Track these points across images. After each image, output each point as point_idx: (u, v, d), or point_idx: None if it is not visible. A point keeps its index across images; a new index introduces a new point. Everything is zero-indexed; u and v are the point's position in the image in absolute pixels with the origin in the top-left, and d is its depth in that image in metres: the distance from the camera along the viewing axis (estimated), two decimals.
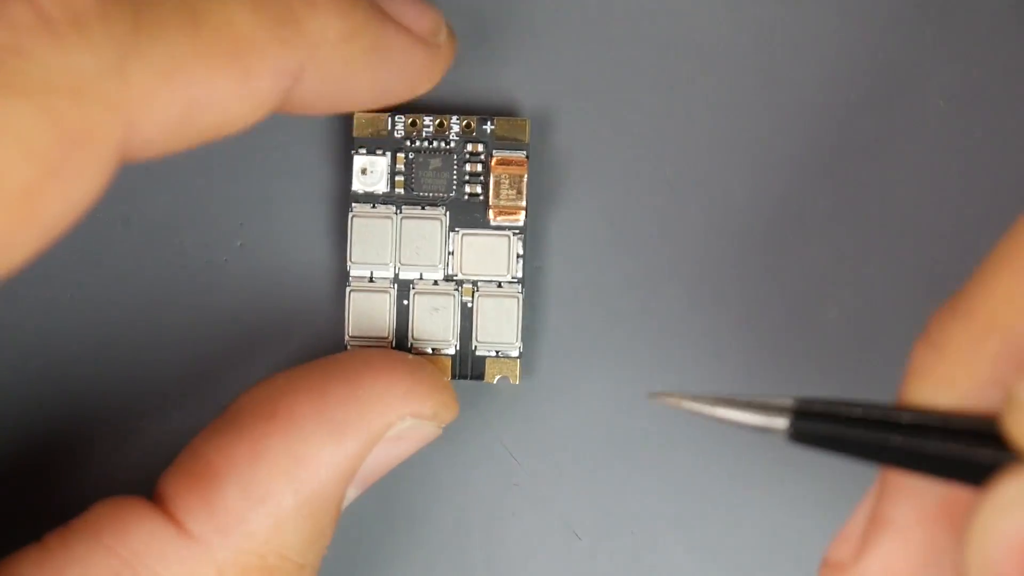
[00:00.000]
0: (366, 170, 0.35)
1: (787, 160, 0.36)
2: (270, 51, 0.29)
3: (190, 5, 0.28)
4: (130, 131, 0.27)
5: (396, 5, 0.32)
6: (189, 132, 0.28)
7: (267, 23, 0.29)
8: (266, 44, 0.29)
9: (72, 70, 0.26)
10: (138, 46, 0.27)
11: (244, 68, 0.28)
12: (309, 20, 0.30)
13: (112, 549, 0.31)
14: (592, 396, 0.36)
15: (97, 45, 0.26)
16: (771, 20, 0.36)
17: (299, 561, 0.32)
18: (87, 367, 0.36)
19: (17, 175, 0.25)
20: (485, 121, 0.35)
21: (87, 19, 0.26)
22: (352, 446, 0.32)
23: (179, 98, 0.27)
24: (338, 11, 0.30)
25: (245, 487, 0.31)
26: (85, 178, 0.26)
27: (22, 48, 0.25)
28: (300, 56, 0.29)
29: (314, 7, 0.30)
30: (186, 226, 0.36)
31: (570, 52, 0.36)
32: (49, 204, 0.26)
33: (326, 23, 0.30)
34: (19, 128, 0.25)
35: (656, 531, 0.36)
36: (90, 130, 0.26)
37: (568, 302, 0.36)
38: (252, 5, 0.28)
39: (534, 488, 0.36)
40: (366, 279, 0.35)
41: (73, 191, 0.26)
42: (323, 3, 0.30)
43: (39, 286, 0.36)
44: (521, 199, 0.35)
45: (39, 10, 0.26)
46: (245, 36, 0.28)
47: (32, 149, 0.25)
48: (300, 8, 0.29)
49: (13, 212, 0.26)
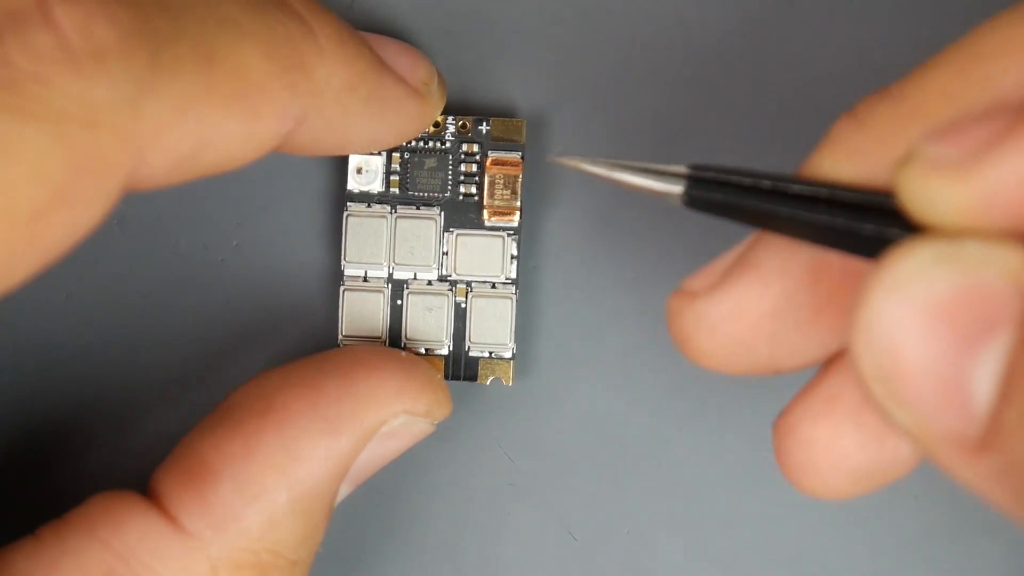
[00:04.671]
0: (361, 169, 0.36)
1: (787, 160, 0.36)
2: (278, 95, 0.29)
3: (206, 46, 0.28)
4: (138, 163, 0.27)
5: (391, 55, 0.33)
6: (193, 167, 0.29)
7: (278, 69, 0.29)
8: (275, 88, 0.29)
9: (89, 100, 0.26)
10: (154, 82, 0.27)
11: (252, 110, 0.29)
12: (317, 68, 0.30)
13: (106, 543, 0.31)
14: (586, 397, 0.36)
15: (115, 78, 0.26)
16: (770, 20, 0.36)
17: (292, 557, 0.32)
18: (83, 365, 0.36)
19: (27, 198, 0.26)
20: (481, 122, 0.36)
21: (108, 52, 0.26)
22: (346, 443, 0.32)
23: (189, 134, 0.28)
24: (344, 61, 0.31)
25: (239, 483, 0.31)
26: (90, 205, 0.27)
27: (42, 76, 0.26)
28: (304, 102, 0.30)
29: (322, 56, 0.30)
30: (182, 226, 0.36)
31: (567, 54, 0.36)
32: (54, 228, 0.26)
33: (332, 72, 0.31)
34: (32, 153, 0.26)
35: (652, 531, 0.36)
36: (101, 159, 0.26)
37: (562, 303, 0.36)
38: (266, 50, 0.29)
39: (530, 488, 0.36)
40: (360, 278, 0.35)
41: (78, 217, 0.27)
42: (330, 52, 0.30)
43: (35, 285, 0.36)
44: (516, 200, 0.35)
45: (62, 39, 0.26)
46: (256, 79, 0.29)
47: (43, 174, 0.26)
48: (309, 56, 0.30)
49: (19, 233, 0.26)
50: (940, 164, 0.24)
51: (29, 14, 0.26)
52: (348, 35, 0.31)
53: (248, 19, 0.29)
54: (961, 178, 0.24)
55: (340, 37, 0.31)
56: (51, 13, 0.26)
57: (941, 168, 0.24)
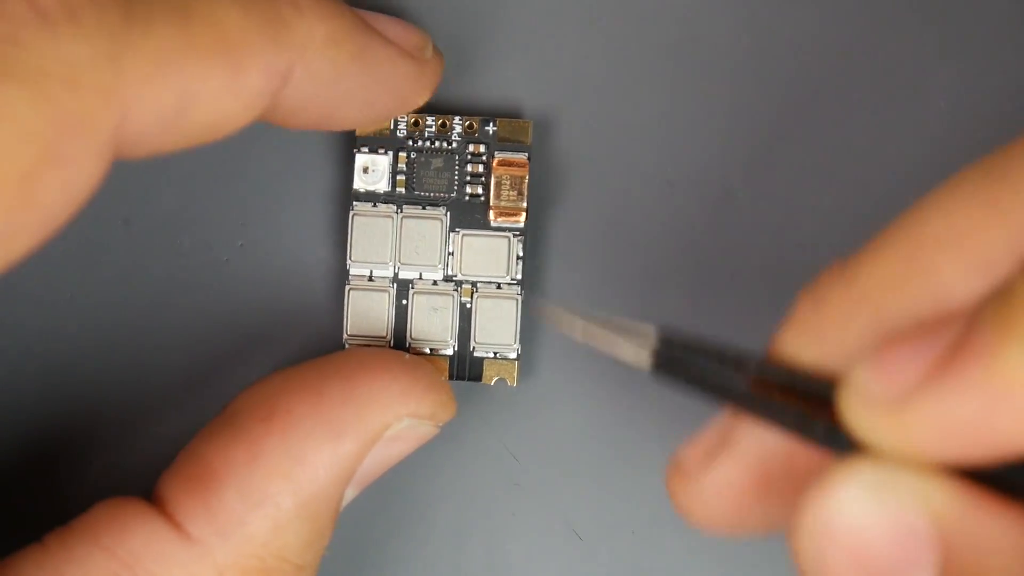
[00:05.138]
0: (368, 169, 0.36)
1: (787, 160, 0.36)
2: (259, 48, 0.29)
3: (180, 1, 0.28)
4: (124, 121, 0.27)
5: (382, 23, 0.33)
6: (182, 127, 0.29)
7: (255, 22, 0.29)
8: (255, 41, 0.29)
9: (66, 59, 0.26)
10: (130, 37, 0.27)
11: (235, 63, 0.29)
12: (296, 22, 0.30)
13: (111, 550, 0.31)
14: (591, 397, 0.36)
15: (90, 35, 0.27)
16: (771, 20, 0.36)
17: (298, 562, 0.32)
18: (87, 367, 0.36)
19: (15, 159, 0.26)
20: (488, 122, 0.35)
21: (80, 10, 0.27)
22: (350, 447, 0.32)
23: (171, 89, 0.28)
24: (323, 15, 0.31)
25: (244, 489, 0.31)
26: (81, 166, 0.27)
27: (17, 37, 0.26)
28: (289, 56, 0.30)
29: (300, 11, 0.30)
30: (187, 226, 0.36)
31: (574, 55, 0.36)
32: (47, 190, 0.26)
33: (312, 25, 0.31)
34: (15, 113, 0.26)
35: (657, 531, 0.36)
36: (85, 116, 0.27)
37: (567, 303, 0.36)
38: (241, 4, 0.29)
39: (535, 488, 0.36)
40: (365, 278, 0.35)
41: (70, 179, 0.27)
42: (308, 8, 0.31)
43: (39, 286, 0.36)
44: (522, 200, 0.35)
45: (33, 1, 0.26)
46: (234, 33, 0.29)
47: (29, 133, 0.26)
48: (287, 11, 0.30)
49: (12, 196, 0.26)
50: (872, 400, 0.25)
51: None
52: None
53: None
54: (893, 416, 0.25)
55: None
56: None
57: (873, 404, 0.25)
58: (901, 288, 0.27)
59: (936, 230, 0.27)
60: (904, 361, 0.25)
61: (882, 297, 0.27)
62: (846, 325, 0.27)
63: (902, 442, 0.26)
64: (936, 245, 0.27)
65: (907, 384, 0.25)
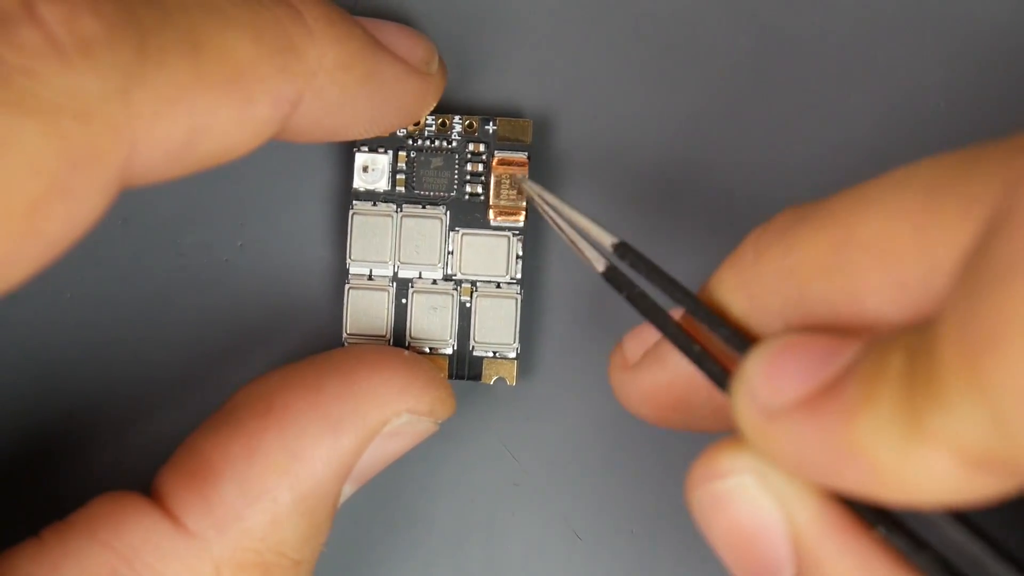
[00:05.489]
0: (367, 168, 0.36)
1: (787, 160, 0.36)
2: (269, 79, 0.29)
3: (193, 34, 0.28)
4: (133, 154, 0.27)
5: (390, 35, 0.33)
6: (190, 158, 0.29)
7: (267, 52, 0.29)
8: (266, 72, 0.29)
9: (78, 92, 0.26)
10: (142, 72, 0.27)
11: (244, 95, 0.29)
12: (307, 49, 0.30)
13: (109, 545, 0.31)
14: (590, 397, 0.36)
15: (103, 69, 0.27)
16: (771, 20, 0.36)
17: (296, 557, 0.32)
18: (87, 365, 0.36)
19: (23, 191, 0.26)
20: (487, 121, 0.36)
21: (94, 44, 0.27)
22: (348, 442, 0.32)
23: (181, 123, 0.28)
24: (335, 40, 0.31)
25: (242, 484, 0.31)
26: (88, 198, 0.27)
27: (31, 69, 0.26)
28: (298, 84, 0.30)
29: (312, 37, 0.30)
30: (186, 225, 0.36)
31: (573, 54, 0.36)
32: (52, 222, 0.27)
33: (323, 52, 0.31)
34: (26, 145, 0.26)
35: (657, 531, 0.36)
36: (95, 150, 0.27)
37: (566, 303, 0.36)
38: (252, 34, 0.29)
39: (534, 488, 0.36)
40: (365, 277, 0.35)
41: (76, 210, 0.27)
42: (320, 33, 0.31)
43: (39, 285, 0.36)
44: (522, 200, 0.35)
45: (48, 34, 0.26)
46: (245, 64, 0.29)
47: (38, 166, 0.26)
48: (298, 37, 0.30)
49: (18, 228, 0.26)
50: (752, 398, 0.27)
51: (13, 12, 0.26)
52: (337, 15, 0.31)
53: (232, 4, 0.29)
54: (763, 422, 0.27)
55: (329, 17, 0.31)
56: (36, 10, 0.26)
57: (751, 403, 0.27)
58: (826, 278, 0.28)
59: (864, 236, 0.27)
60: (790, 374, 0.27)
61: (808, 278, 0.28)
62: (775, 290, 0.28)
63: (765, 449, 0.27)
64: (862, 249, 0.27)
65: (783, 400, 0.27)
